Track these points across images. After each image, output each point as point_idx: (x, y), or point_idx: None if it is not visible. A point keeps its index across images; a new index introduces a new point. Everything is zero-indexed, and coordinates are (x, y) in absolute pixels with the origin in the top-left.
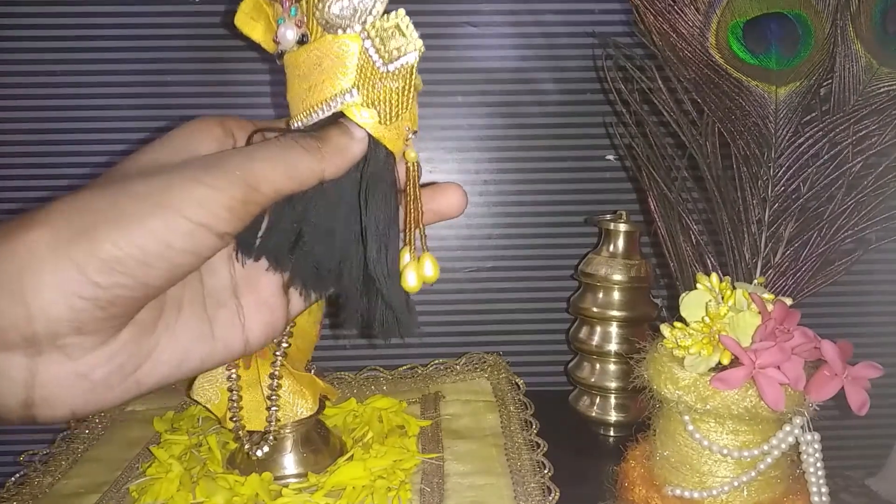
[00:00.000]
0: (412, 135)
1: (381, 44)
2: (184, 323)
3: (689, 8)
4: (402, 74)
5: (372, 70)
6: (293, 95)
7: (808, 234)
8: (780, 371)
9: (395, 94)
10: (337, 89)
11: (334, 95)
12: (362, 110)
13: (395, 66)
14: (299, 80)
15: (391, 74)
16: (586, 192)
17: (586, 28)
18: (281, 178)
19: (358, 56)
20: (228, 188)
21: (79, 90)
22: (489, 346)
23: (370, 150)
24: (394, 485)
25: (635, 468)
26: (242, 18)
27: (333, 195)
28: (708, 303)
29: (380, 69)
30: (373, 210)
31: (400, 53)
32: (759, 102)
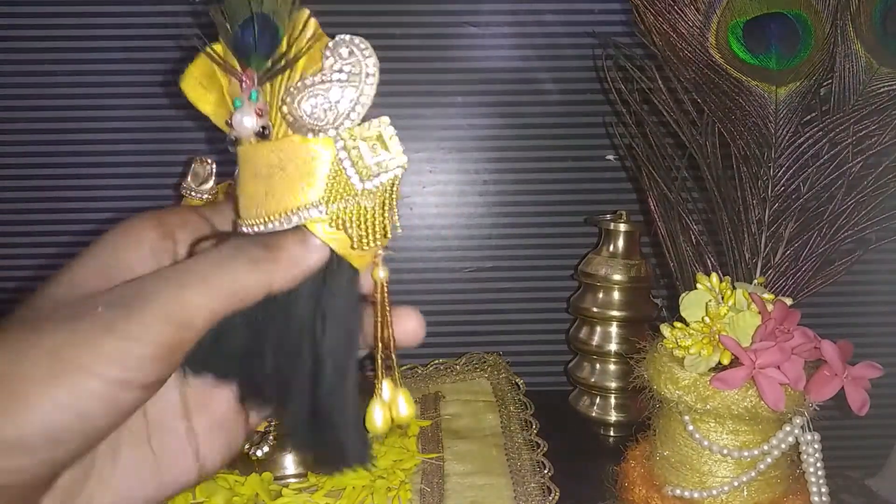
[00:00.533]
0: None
1: (358, 156)
2: (122, 468)
3: (689, 8)
4: (379, 193)
5: (345, 185)
6: (245, 194)
7: (808, 234)
8: (780, 371)
9: (370, 214)
10: (301, 202)
11: (297, 208)
12: (327, 227)
13: (374, 185)
14: (255, 179)
15: (367, 192)
16: (586, 192)
17: (586, 28)
18: (219, 301)
19: (330, 166)
20: (149, 335)
21: (79, 90)
22: (489, 346)
23: (332, 265)
24: (394, 485)
25: (635, 468)
26: (191, 84)
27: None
28: (708, 303)
29: (355, 185)
30: (330, 335)
31: (381, 170)
32: (759, 102)
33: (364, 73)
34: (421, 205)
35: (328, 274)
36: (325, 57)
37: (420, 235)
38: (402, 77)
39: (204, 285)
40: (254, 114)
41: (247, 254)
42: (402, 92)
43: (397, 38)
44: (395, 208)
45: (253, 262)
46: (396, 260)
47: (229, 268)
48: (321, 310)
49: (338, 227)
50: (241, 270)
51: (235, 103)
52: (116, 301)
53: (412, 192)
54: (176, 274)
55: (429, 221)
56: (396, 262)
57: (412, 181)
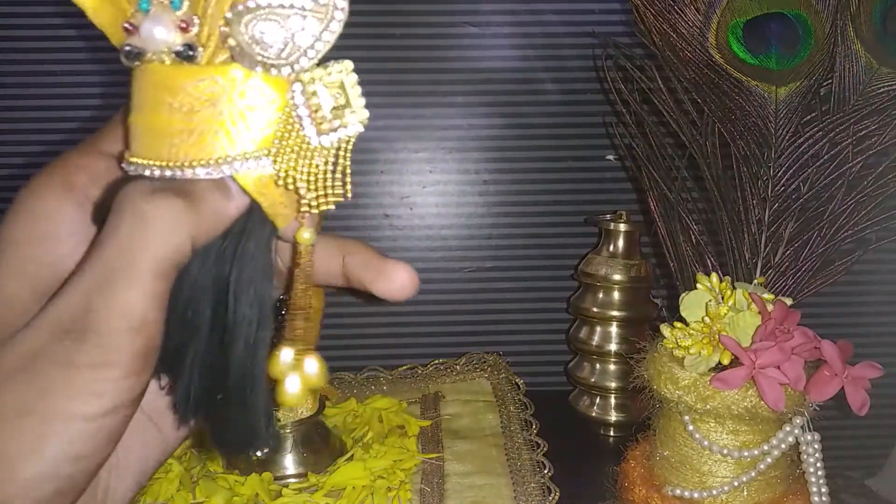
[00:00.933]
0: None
1: (317, 105)
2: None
3: (689, 8)
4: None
5: (297, 138)
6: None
7: (808, 234)
8: (780, 371)
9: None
10: (235, 150)
11: (231, 157)
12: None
13: (329, 141)
14: (172, 112)
15: (321, 149)
16: (586, 192)
17: (586, 28)
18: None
19: (280, 112)
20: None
21: (79, 90)
22: (489, 346)
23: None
24: (394, 485)
25: (635, 468)
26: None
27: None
28: (708, 303)
29: (309, 139)
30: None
31: (340, 124)
32: (759, 102)
33: (332, 4)
34: (421, 205)
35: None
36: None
37: (420, 235)
38: (402, 77)
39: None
40: (172, 25)
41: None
42: (402, 92)
43: (398, 38)
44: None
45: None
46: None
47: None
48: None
49: (286, 185)
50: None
51: (142, 4)
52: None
53: (412, 192)
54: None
55: (429, 221)
56: None
57: (412, 181)
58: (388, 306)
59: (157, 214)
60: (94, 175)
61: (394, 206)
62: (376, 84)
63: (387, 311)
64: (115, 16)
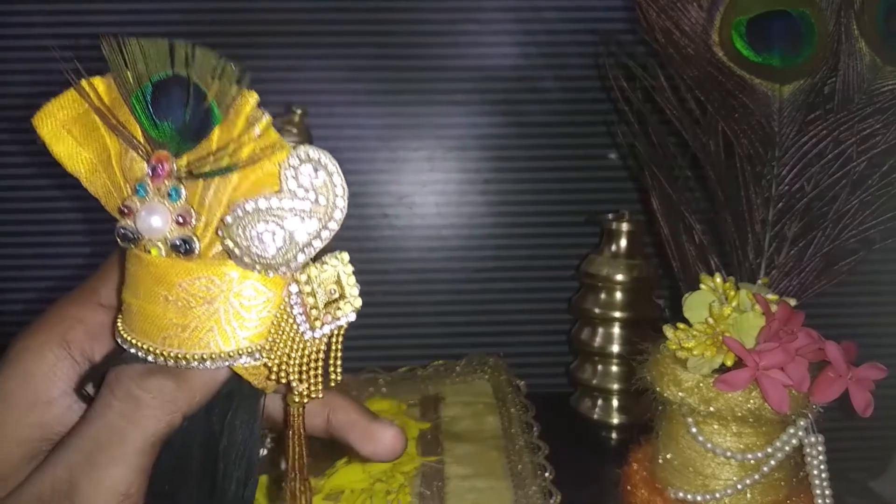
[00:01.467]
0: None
1: (313, 303)
2: None
3: (692, 5)
4: (326, 339)
5: (291, 332)
6: (146, 314)
7: (813, 233)
8: (784, 373)
9: (314, 364)
10: (230, 347)
11: (224, 354)
12: (252, 364)
13: (324, 332)
14: (167, 304)
15: (315, 341)
16: (588, 192)
17: (588, 26)
18: (142, 458)
19: (275, 310)
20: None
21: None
22: (489, 348)
23: (242, 387)
24: (393, 488)
25: (638, 471)
26: (51, 127)
27: (182, 435)
28: (711, 303)
29: (303, 335)
30: (233, 460)
31: (334, 318)
32: (762, 101)
33: (332, 205)
34: (421, 204)
35: (236, 395)
36: (284, 176)
37: (420, 235)
38: (402, 75)
39: (122, 454)
40: (169, 217)
41: (153, 394)
42: (402, 90)
43: (398, 36)
44: (340, 353)
45: (161, 402)
46: (397, 260)
47: (138, 417)
48: (226, 436)
49: (278, 378)
50: (151, 415)
51: (139, 191)
52: (38, 500)
53: (412, 191)
54: (89, 445)
55: (429, 221)
56: (397, 262)
57: (412, 181)
58: (387, 307)
59: (149, 398)
60: (93, 331)
61: (393, 205)
62: (376, 82)
63: (386, 312)
64: (108, 188)
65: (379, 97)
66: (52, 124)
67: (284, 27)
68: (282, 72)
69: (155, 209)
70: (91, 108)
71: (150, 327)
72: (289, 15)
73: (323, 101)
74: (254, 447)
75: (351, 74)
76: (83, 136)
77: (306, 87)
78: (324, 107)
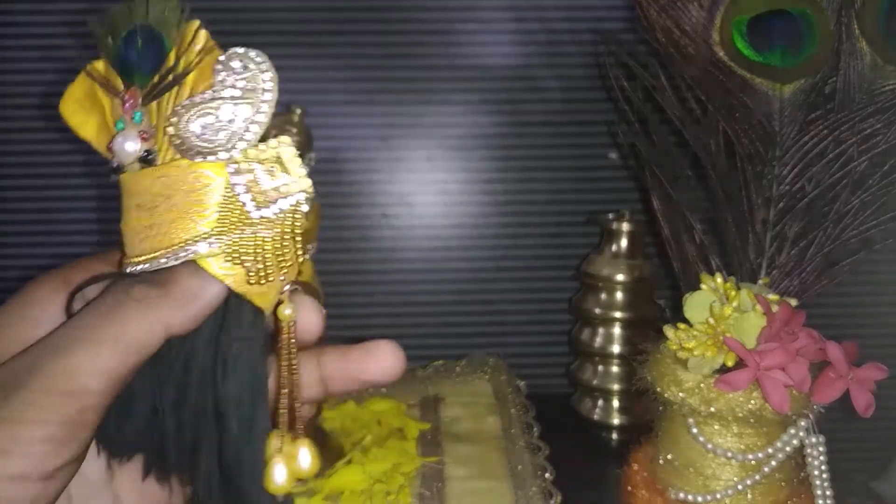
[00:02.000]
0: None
1: (253, 180)
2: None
3: (692, 4)
4: (279, 221)
5: (240, 214)
6: (129, 228)
7: (814, 233)
8: (785, 373)
9: (270, 245)
10: (189, 234)
11: (185, 242)
12: (222, 262)
13: (272, 212)
14: (139, 211)
15: (265, 221)
16: (588, 191)
17: (588, 25)
18: (113, 357)
19: (222, 193)
20: (40, 413)
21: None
22: (490, 348)
23: (231, 304)
24: (393, 489)
25: (638, 472)
26: (71, 107)
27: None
28: (712, 304)
29: (251, 214)
30: (232, 383)
31: (279, 195)
32: (763, 100)
33: (260, 89)
34: (420, 204)
35: (227, 314)
36: (215, 72)
37: (420, 235)
38: (403, 75)
39: (92, 343)
40: (137, 137)
41: (133, 296)
42: (403, 90)
43: (398, 36)
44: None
45: (141, 303)
46: (396, 260)
47: (116, 316)
48: (221, 355)
49: (233, 261)
50: (130, 317)
51: (118, 125)
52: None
53: (412, 191)
54: (62, 336)
55: (429, 221)
56: (396, 262)
57: (412, 180)
58: (387, 307)
59: (132, 301)
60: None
61: (393, 205)
62: (376, 82)
63: (386, 313)
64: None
65: (379, 97)
66: (70, 104)
67: (284, 27)
68: (282, 72)
69: (127, 135)
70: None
71: (133, 240)
72: (289, 15)
73: (323, 101)
74: (257, 367)
75: (351, 74)
76: (90, 105)
77: (306, 87)
78: (324, 107)
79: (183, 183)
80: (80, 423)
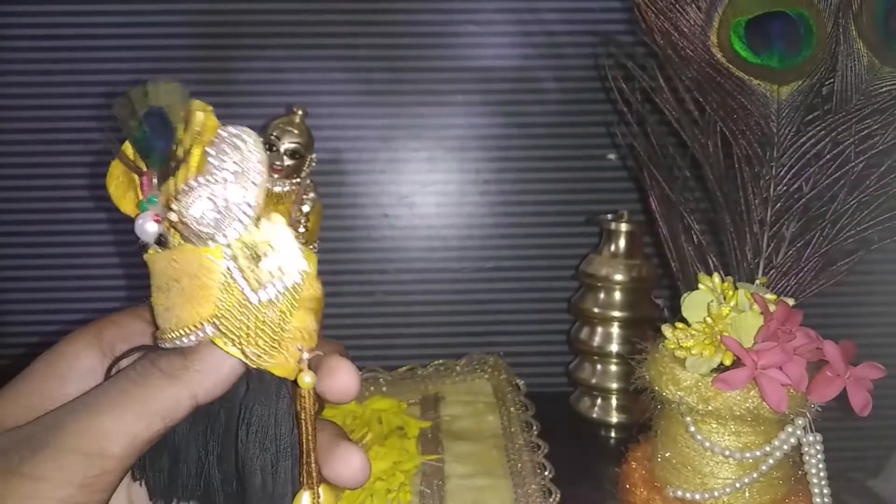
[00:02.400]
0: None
1: (248, 264)
2: None
3: (690, 6)
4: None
5: (239, 297)
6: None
7: (811, 233)
8: (783, 372)
9: (269, 327)
10: (194, 319)
11: (193, 325)
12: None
13: (269, 295)
14: (158, 292)
15: (264, 304)
16: (587, 192)
17: (587, 27)
18: (137, 423)
19: (222, 278)
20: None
21: (78, 89)
22: (489, 347)
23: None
24: (393, 487)
25: (637, 470)
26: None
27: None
28: (710, 303)
29: (249, 298)
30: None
31: (273, 277)
32: (761, 101)
33: (251, 170)
34: (421, 204)
35: (250, 382)
36: (208, 154)
37: (420, 235)
38: (403, 75)
39: (117, 408)
40: (151, 220)
41: (161, 368)
42: (403, 90)
43: (398, 37)
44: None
45: (165, 374)
46: (397, 260)
47: (142, 385)
48: (245, 419)
49: (234, 343)
50: (154, 386)
51: (141, 207)
52: (28, 437)
53: (412, 191)
54: (90, 399)
55: (429, 221)
56: (397, 261)
57: (412, 181)
58: (388, 307)
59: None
60: (126, 333)
61: (393, 205)
62: (376, 82)
63: (386, 312)
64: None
65: (379, 97)
66: (112, 181)
67: (284, 27)
68: (282, 72)
69: (145, 217)
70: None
71: (157, 317)
72: (289, 15)
73: (323, 102)
74: (281, 428)
75: (351, 75)
76: (128, 182)
77: (306, 88)
78: (324, 107)
79: (189, 267)
80: (100, 486)
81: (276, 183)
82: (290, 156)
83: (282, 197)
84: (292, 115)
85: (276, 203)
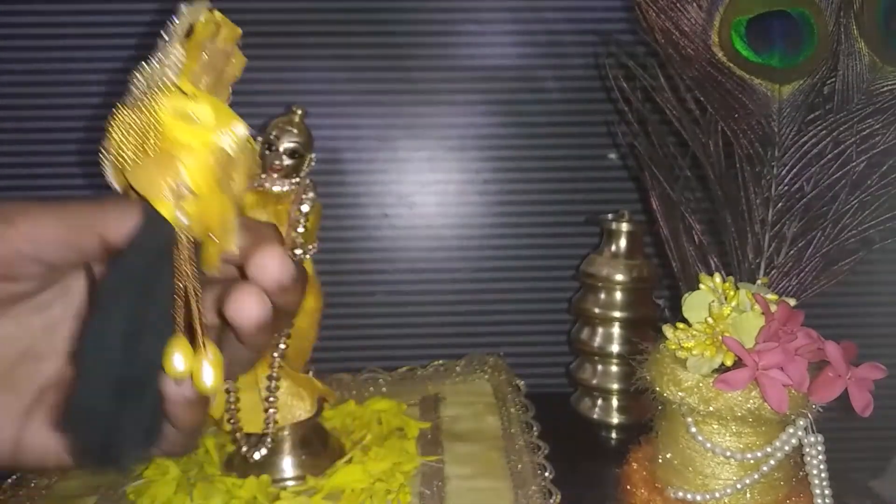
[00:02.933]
0: (184, 189)
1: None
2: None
3: (691, 5)
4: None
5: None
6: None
7: (812, 233)
8: (784, 372)
9: (134, 132)
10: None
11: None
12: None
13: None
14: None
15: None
16: (588, 192)
17: (588, 26)
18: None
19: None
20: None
21: (78, 89)
22: (489, 347)
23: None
24: (393, 488)
25: (637, 471)
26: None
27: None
28: (711, 303)
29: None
30: (157, 293)
31: (145, 77)
32: (762, 101)
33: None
34: (421, 204)
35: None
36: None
37: (420, 235)
38: (402, 75)
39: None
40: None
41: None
42: (402, 90)
43: (398, 37)
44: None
45: (80, 201)
46: (397, 260)
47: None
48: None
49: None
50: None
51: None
52: None
53: (412, 191)
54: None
55: (429, 221)
56: (397, 261)
57: (412, 181)
58: (388, 307)
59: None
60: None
61: (393, 205)
62: (376, 82)
63: (387, 312)
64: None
65: (379, 97)
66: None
67: (284, 27)
68: (282, 72)
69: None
70: None
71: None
72: (289, 15)
73: (323, 102)
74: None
75: (351, 74)
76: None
77: (306, 88)
78: (324, 107)
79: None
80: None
81: (276, 182)
82: (290, 155)
83: (281, 197)
84: (291, 114)
85: (276, 203)
